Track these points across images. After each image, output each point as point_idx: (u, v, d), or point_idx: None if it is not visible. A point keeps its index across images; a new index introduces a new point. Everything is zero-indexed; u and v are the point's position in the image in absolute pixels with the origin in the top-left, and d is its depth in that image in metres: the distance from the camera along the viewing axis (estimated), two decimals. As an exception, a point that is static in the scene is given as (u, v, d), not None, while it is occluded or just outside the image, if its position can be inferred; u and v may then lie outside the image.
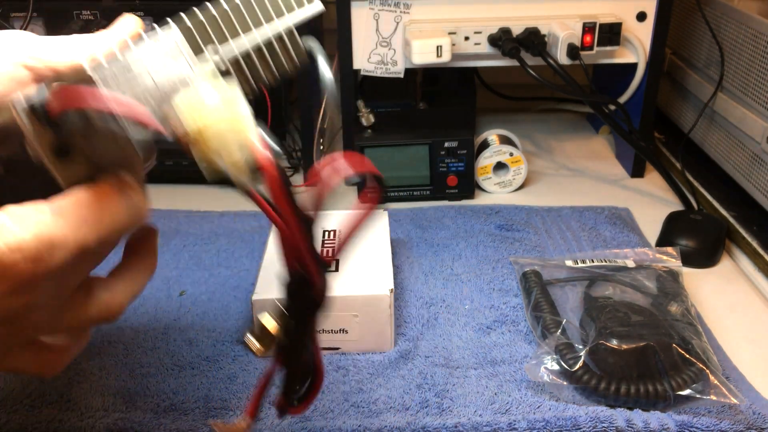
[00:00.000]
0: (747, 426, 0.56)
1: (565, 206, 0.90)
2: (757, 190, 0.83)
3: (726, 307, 0.73)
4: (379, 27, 0.91)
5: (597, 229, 0.85)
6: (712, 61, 0.96)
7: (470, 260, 0.79)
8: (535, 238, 0.83)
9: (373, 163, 0.39)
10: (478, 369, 0.63)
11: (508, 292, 0.74)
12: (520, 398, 0.59)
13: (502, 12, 0.91)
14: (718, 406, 0.57)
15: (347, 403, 0.59)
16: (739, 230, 0.84)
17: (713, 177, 0.95)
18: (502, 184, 0.96)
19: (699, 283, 0.76)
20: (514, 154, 0.95)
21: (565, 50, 0.87)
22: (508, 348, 0.66)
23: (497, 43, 0.89)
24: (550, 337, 0.62)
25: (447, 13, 0.91)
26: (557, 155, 1.08)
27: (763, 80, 0.82)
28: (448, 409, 0.58)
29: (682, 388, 0.56)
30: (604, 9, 0.91)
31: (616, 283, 0.69)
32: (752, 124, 0.84)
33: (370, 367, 0.63)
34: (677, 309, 0.65)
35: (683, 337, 0.60)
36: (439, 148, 0.91)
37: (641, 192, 0.97)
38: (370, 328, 0.64)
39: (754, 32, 0.85)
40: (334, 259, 0.44)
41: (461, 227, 0.86)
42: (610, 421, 0.56)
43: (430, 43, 0.86)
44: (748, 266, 0.80)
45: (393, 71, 0.93)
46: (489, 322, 0.69)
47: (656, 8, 0.91)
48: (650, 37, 0.93)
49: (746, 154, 0.86)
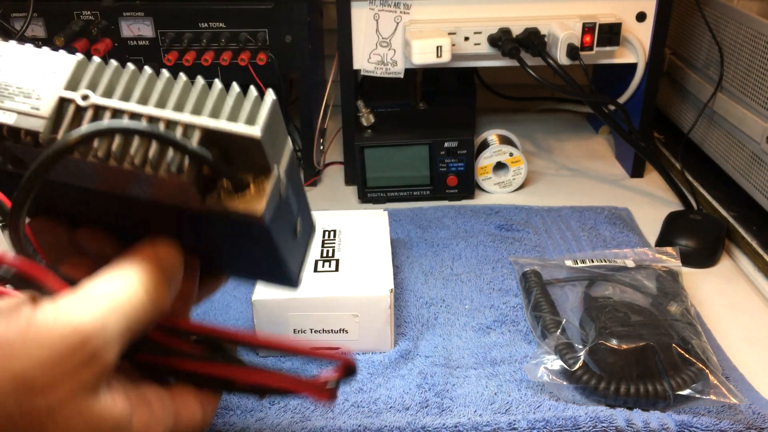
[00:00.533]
0: (747, 426, 0.56)
1: (565, 206, 0.91)
2: (757, 190, 0.84)
3: (726, 307, 0.73)
4: (379, 27, 0.91)
5: (597, 229, 0.85)
6: (711, 62, 0.96)
7: (470, 260, 0.79)
8: (535, 238, 0.83)
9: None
10: (478, 369, 0.63)
11: (507, 292, 0.74)
12: (519, 398, 0.59)
13: (502, 12, 0.91)
14: (718, 406, 0.57)
15: (347, 403, 0.59)
16: (739, 230, 0.84)
17: (713, 177, 0.96)
18: (502, 184, 0.96)
19: (699, 283, 0.76)
20: (514, 154, 0.95)
21: (564, 50, 0.87)
22: (507, 348, 0.66)
23: (497, 44, 0.89)
24: (549, 337, 0.62)
25: (447, 14, 0.91)
26: (557, 155, 1.08)
27: (763, 80, 0.82)
28: (448, 409, 0.58)
29: (681, 388, 0.56)
30: (604, 9, 0.91)
31: (616, 283, 0.70)
32: (752, 124, 0.84)
33: (370, 367, 0.63)
34: (677, 309, 0.65)
35: (683, 337, 0.60)
36: (439, 148, 0.91)
37: (641, 192, 0.97)
38: (370, 328, 0.64)
39: (754, 32, 0.85)
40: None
41: (461, 227, 0.86)
42: (609, 421, 0.56)
43: (430, 44, 0.86)
44: (748, 266, 0.80)
45: (393, 71, 0.94)
46: (489, 322, 0.69)
47: (656, 8, 0.91)
48: (650, 37, 0.93)
49: (746, 154, 0.86)
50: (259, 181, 0.33)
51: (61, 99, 0.33)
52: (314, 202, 0.95)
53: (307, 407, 0.59)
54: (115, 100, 0.33)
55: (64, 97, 0.33)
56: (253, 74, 0.89)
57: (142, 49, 0.90)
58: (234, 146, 0.33)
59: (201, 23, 0.88)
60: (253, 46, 0.89)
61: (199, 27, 0.88)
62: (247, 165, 0.33)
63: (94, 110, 0.33)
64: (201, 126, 0.32)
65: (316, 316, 0.64)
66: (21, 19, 0.88)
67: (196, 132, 0.32)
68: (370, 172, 0.92)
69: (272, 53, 0.89)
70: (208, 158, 0.32)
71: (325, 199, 0.96)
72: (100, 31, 0.88)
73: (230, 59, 0.88)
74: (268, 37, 0.88)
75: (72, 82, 0.33)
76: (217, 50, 0.89)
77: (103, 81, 0.34)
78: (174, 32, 0.89)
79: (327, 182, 1.01)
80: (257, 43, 0.88)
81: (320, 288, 0.64)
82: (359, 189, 0.93)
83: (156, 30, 0.89)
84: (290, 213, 0.38)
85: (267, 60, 0.88)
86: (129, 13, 0.88)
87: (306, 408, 0.59)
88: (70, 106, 0.33)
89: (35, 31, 0.89)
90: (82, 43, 0.86)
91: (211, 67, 0.89)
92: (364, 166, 0.92)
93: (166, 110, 0.33)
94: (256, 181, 0.33)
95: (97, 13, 0.88)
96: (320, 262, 0.68)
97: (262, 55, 0.88)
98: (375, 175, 0.92)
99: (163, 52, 0.89)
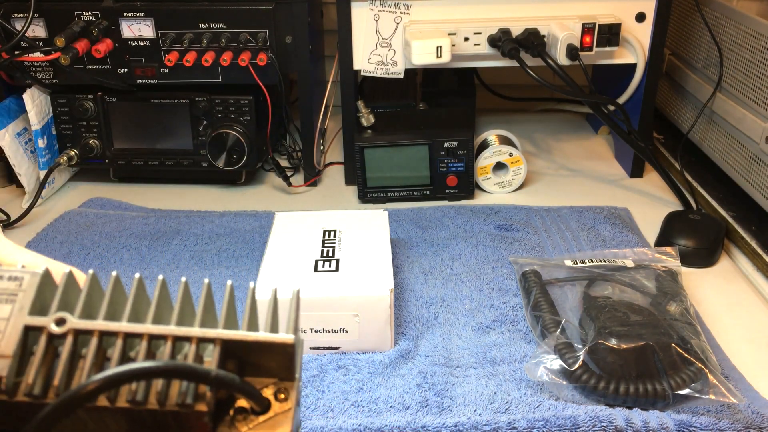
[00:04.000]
0: (746, 425, 0.56)
1: (565, 206, 0.91)
2: (756, 190, 0.84)
3: (725, 307, 0.73)
4: (379, 28, 0.91)
5: (596, 229, 0.85)
6: (710, 62, 0.96)
7: (470, 260, 0.80)
8: (535, 238, 0.84)
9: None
10: (478, 368, 0.63)
11: (507, 292, 0.74)
12: (519, 397, 0.59)
13: (502, 13, 0.91)
14: (717, 406, 0.57)
15: (347, 402, 0.59)
16: (738, 230, 0.84)
17: (712, 177, 0.96)
18: (502, 184, 0.96)
19: (698, 283, 0.77)
20: (514, 154, 0.95)
21: (564, 51, 0.87)
22: (507, 347, 0.66)
23: (497, 44, 0.89)
24: (549, 336, 0.63)
25: (447, 14, 0.91)
26: (556, 155, 1.08)
27: (762, 80, 0.83)
28: (448, 409, 0.58)
29: (681, 388, 0.57)
30: (604, 10, 0.92)
31: (615, 282, 0.70)
32: (751, 124, 0.84)
33: (370, 367, 0.63)
34: (676, 308, 0.65)
35: (682, 337, 0.60)
36: (439, 149, 0.91)
37: (640, 192, 0.97)
38: (370, 328, 0.64)
39: (753, 33, 0.85)
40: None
41: (461, 227, 0.86)
42: (609, 421, 0.56)
43: (430, 44, 0.86)
44: (747, 266, 0.80)
45: (393, 72, 0.94)
46: (489, 321, 0.69)
47: (655, 9, 0.92)
48: (649, 37, 0.93)
49: (745, 154, 0.86)
50: (281, 392, 0.28)
51: (26, 328, 0.26)
52: (314, 202, 0.96)
53: (308, 407, 0.59)
54: (101, 321, 0.27)
55: (31, 324, 0.26)
56: (253, 74, 0.89)
57: (143, 50, 0.90)
58: (256, 357, 0.27)
59: (201, 24, 0.88)
60: (254, 47, 0.89)
61: (199, 27, 0.88)
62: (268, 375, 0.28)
63: (74, 336, 0.26)
64: (221, 338, 0.26)
65: (317, 316, 0.64)
66: (22, 20, 0.88)
67: (213, 347, 0.26)
68: (370, 172, 0.92)
69: (272, 54, 0.89)
70: (235, 382, 0.26)
71: (325, 199, 0.96)
72: (100, 31, 0.88)
73: (231, 60, 0.88)
74: (269, 37, 0.89)
75: (37, 304, 0.27)
76: (218, 51, 0.89)
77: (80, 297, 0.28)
78: (174, 33, 0.89)
79: (327, 182, 1.01)
80: (257, 44, 0.88)
81: (320, 288, 0.64)
82: (359, 189, 0.94)
83: (156, 30, 0.89)
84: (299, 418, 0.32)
85: (267, 60, 0.88)
86: (129, 14, 0.88)
87: (306, 408, 0.59)
88: (41, 336, 0.26)
89: (36, 31, 0.89)
90: (83, 44, 0.87)
91: (212, 67, 0.89)
92: (364, 166, 0.92)
93: (170, 325, 0.27)
94: (276, 393, 0.28)
95: (97, 14, 0.88)
96: (320, 262, 0.68)
97: (262, 55, 0.88)
98: (375, 175, 0.92)
99: (164, 53, 0.90)
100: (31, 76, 0.92)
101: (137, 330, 0.26)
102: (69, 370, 0.26)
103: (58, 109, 0.94)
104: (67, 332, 0.26)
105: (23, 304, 0.26)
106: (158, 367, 0.25)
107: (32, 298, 0.27)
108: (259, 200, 0.96)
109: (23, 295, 0.27)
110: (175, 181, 1.01)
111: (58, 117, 0.95)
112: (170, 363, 0.25)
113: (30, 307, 0.26)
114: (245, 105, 0.92)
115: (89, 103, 0.93)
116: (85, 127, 0.95)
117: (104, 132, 0.95)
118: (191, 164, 0.96)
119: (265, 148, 0.98)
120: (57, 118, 0.95)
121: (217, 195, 0.98)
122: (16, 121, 0.93)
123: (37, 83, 0.93)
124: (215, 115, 0.93)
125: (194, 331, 0.26)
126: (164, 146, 0.96)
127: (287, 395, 0.27)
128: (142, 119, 0.95)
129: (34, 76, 0.92)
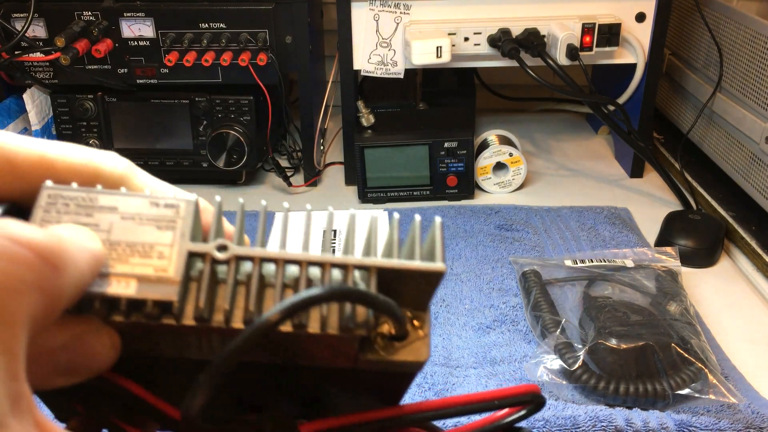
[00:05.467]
0: (746, 425, 0.56)
1: (565, 206, 0.91)
2: (756, 190, 0.84)
3: (725, 307, 0.73)
4: (379, 28, 0.91)
5: (596, 229, 0.85)
6: (710, 62, 0.96)
7: (470, 260, 0.80)
8: (535, 238, 0.84)
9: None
10: (478, 368, 0.63)
11: (507, 292, 0.74)
12: (519, 397, 0.59)
13: (502, 13, 0.91)
14: (717, 406, 0.57)
15: (347, 403, 0.59)
16: (738, 230, 0.84)
17: (712, 177, 0.96)
18: (502, 185, 0.96)
19: (698, 283, 0.77)
20: (514, 154, 0.95)
21: (564, 51, 0.87)
22: (507, 347, 0.66)
23: (497, 44, 0.89)
24: (549, 336, 0.63)
25: (447, 14, 0.91)
26: (556, 155, 1.08)
27: (762, 81, 0.83)
28: (448, 408, 0.58)
29: (680, 388, 0.57)
30: (603, 10, 0.92)
31: (615, 282, 0.70)
32: (751, 124, 0.84)
33: (370, 367, 0.63)
34: (676, 308, 0.65)
35: (682, 337, 0.60)
36: (439, 149, 0.91)
37: (640, 192, 0.97)
38: (370, 328, 0.64)
39: (753, 33, 0.85)
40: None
41: (461, 227, 0.86)
42: (609, 420, 0.56)
43: (430, 44, 0.86)
44: (747, 266, 0.80)
45: (393, 72, 0.94)
46: (488, 321, 0.69)
47: (655, 9, 0.92)
48: (649, 37, 0.93)
49: (745, 154, 0.87)
50: (415, 320, 0.28)
51: (190, 254, 0.26)
52: (314, 202, 0.96)
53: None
54: (259, 249, 0.27)
55: (194, 251, 0.27)
56: (253, 74, 0.89)
57: (143, 50, 0.90)
58: (398, 285, 0.27)
59: (202, 24, 0.88)
60: (254, 47, 0.89)
61: (199, 27, 0.88)
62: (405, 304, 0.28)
63: (235, 262, 0.27)
64: (378, 266, 0.27)
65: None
66: (22, 20, 0.88)
67: (370, 276, 0.27)
68: (370, 172, 0.92)
69: (273, 54, 0.89)
70: (396, 311, 0.26)
71: (325, 199, 0.96)
72: (100, 31, 0.88)
73: (231, 60, 0.88)
74: (269, 37, 0.89)
75: (195, 230, 0.28)
76: (218, 51, 0.89)
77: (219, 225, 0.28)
78: (175, 33, 0.89)
79: (327, 182, 1.01)
80: (258, 44, 0.88)
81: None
82: (359, 189, 0.94)
83: (156, 30, 0.89)
84: None
85: (267, 60, 0.88)
86: (129, 14, 0.88)
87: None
88: (204, 262, 0.26)
89: (36, 31, 0.89)
90: (83, 44, 0.87)
91: (212, 67, 0.89)
92: (364, 166, 0.92)
93: (326, 254, 0.27)
94: (412, 321, 0.28)
95: (97, 14, 0.88)
96: (320, 261, 0.68)
97: (262, 55, 0.88)
98: (375, 175, 0.92)
99: (164, 53, 0.90)
100: (31, 76, 0.92)
101: (295, 257, 0.27)
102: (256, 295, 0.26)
103: (58, 109, 0.94)
104: (230, 259, 0.27)
105: (184, 231, 0.27)
106: (342, 291, 0.25)
107: (191, 225, 0.27)
108: (259, 200, 0.96)
109: (182, 222, 0.27)
110: (175, 181, 0.99)
111: (59, 117, 0.95)
112: (353, 288, 0.26)
113: (190, 234, 0.27)
114: (245, 105, 0.92)
115: (89, 103, 0.93)
116: (86, 127, 0.95)
117: (104, 132, 0.95)
118: (191, 164, 0.96)
119: (265, 148, 0.98)
120: (57, 118, 0.95)
121: (217, 195, 0.98)
122: (16, 121, 0.93)
123: (37, 83, 0.93)
124: (215, 115, 0.93)
125: (351, 259, 0.27)
126: (164, 146, 0.96)
127: (422, 323, 0.28)
128: (142, 119, 0.95)
129: (34, 76, 0.92)
